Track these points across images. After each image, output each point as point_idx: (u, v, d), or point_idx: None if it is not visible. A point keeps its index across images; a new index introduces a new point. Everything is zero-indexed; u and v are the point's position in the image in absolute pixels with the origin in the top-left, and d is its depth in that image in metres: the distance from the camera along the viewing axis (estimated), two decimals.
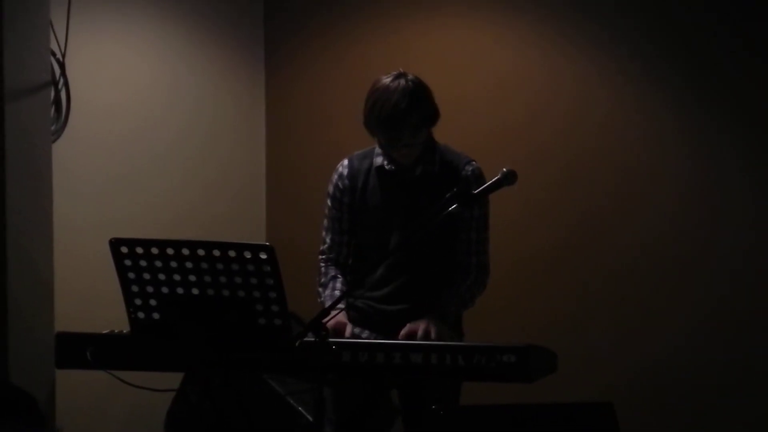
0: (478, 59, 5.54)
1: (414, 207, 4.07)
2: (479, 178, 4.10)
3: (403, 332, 3.91)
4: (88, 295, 5.28)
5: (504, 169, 3.75)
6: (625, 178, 5.31)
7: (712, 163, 5.18)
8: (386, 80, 3.99)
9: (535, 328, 5.28)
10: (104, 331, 3.79)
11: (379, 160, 4.13)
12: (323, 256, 4.22)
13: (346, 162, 4.20)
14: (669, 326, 5.23)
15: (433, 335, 3.86)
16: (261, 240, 5.89)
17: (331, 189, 4.20)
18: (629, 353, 5.28)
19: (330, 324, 3.67)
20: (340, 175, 4.19)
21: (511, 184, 3.77)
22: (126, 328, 3.65)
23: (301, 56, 6.01)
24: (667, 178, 5.25)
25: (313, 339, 3.41)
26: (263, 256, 3.40)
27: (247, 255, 3.41)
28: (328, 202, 4.21)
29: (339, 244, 4.20)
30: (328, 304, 4.02)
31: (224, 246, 3.43)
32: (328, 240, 4.21)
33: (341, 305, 3.96)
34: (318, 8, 5.97)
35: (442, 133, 4.19)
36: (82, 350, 3.70)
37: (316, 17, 5.97)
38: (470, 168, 4.11)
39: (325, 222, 4.22)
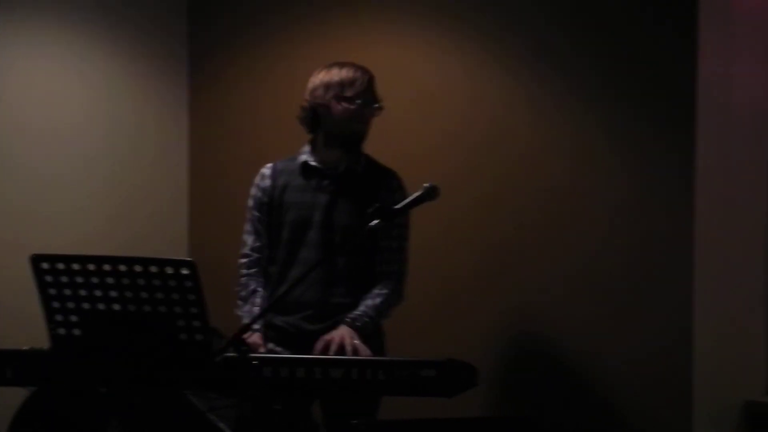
0: (403, 76, 5.56)
1: (335, 204, 4.09)
2: (404, 189, 4.15)
3: (318, 346, 3.90)
4: (7, 311, 5.23)
5: (426, 185, 3.78)
6: (554, 194, 5.24)
7: (646, 176, 5.04)
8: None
9: (456, 346, 5.24)
10: (24, 348, 3.76)
11: (303, 157, 4.17)
12: (244, 260, 4.22)
13: (269, 164, 4.26)
14: (599, 346, 5.16)
15: (348, 345, 3.86)
16: (183, 255, 5.86)
17: (253, 191, 4.24)
18: (553, 370, 5.28)
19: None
20: (262, 176, 4.23)
21: (433, 199, 3.80)
22: (46, 345, 3.63)
23: (225, 73, 6.00)
24: (598, 193, 5.15)
25: (234, 355, 3.42)
26: (185, 271, 3.40)
27: (169, 270, 3.40)
28: (250, 202, 4.23)
29: (261, 247, 4.21)
30: (246, 320, 4.03)
31: (145, 261, 3.42)
32: (249, 242, 4.22)
33: (257, 325, 3.97)
34: (243, 25, 5.97)
35: (368, 148, 4.23)
36: (2, 367, 3.67)
37: (241, 34, 5.97)
38: (396, 178, 4.17)
39: (247, 225, 4.24)
